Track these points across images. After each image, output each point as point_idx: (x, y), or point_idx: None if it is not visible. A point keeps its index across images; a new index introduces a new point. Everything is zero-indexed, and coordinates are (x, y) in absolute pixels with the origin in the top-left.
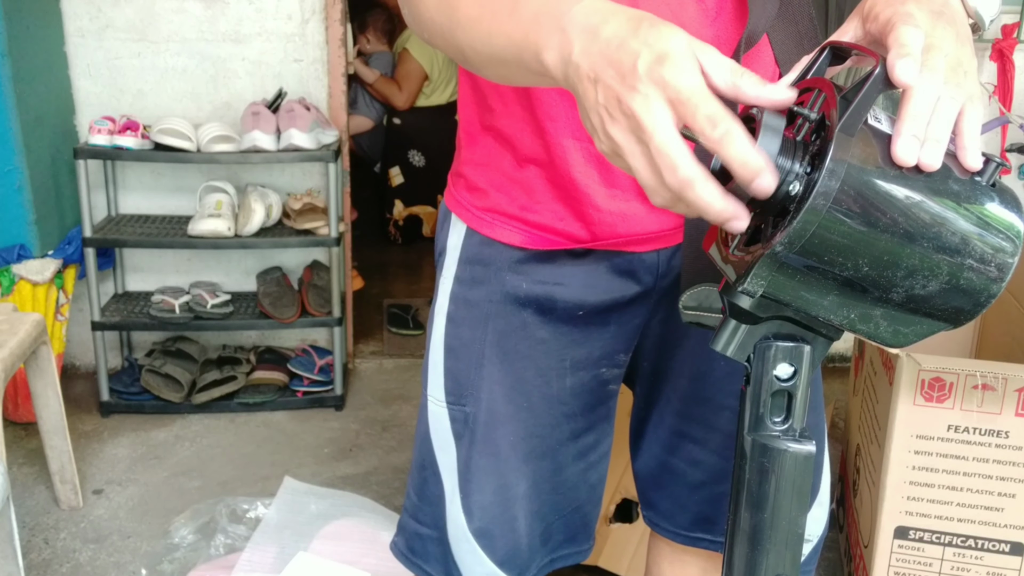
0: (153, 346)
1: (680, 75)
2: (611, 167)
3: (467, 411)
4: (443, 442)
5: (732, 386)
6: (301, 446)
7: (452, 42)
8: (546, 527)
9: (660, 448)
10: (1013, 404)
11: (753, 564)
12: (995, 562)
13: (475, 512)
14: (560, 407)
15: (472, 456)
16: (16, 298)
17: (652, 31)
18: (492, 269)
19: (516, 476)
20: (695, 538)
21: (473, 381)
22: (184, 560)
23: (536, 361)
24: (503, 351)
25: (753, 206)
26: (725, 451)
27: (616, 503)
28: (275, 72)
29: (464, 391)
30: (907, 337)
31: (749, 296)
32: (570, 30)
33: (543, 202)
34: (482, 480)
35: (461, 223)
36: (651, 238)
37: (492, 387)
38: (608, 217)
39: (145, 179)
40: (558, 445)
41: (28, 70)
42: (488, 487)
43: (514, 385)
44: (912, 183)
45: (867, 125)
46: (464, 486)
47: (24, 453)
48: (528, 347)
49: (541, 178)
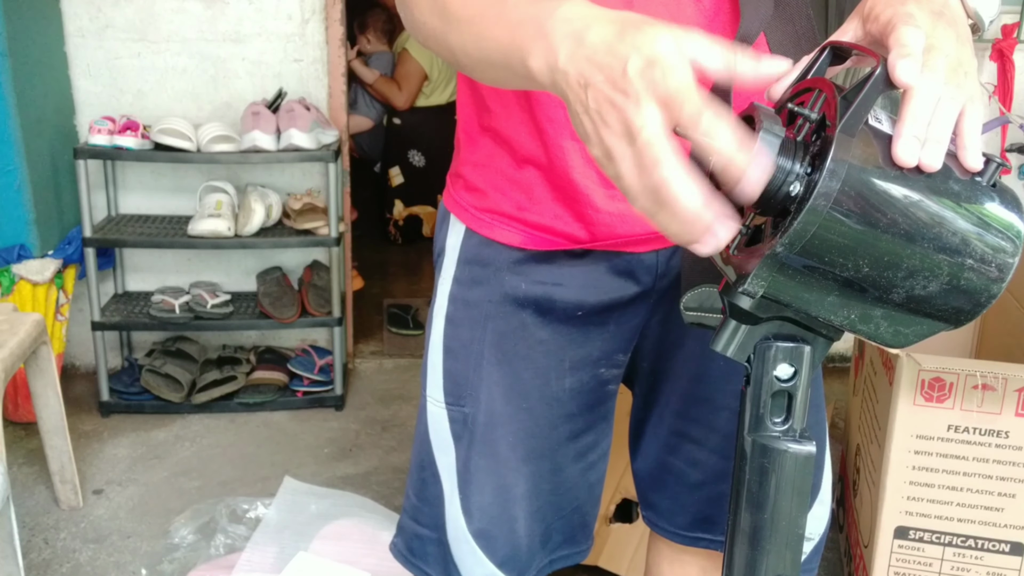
0: (153, 346)
1: (670, 76)
2: None
3: (466, 412)
4: (442, 443)
5: (731, 386)
6: (301, 446)
7: (445, 44)
8: (546, 528)
9: (659, 448)
10: (1013, 404)
11: (753, 564)
12: (995, 562)
13: (475, 513)
14: (559, 407)
15: (471, 457)
16: (16, 298)
17: (638, 34)
18: (491, 269)
19: (516, 477)
20: (694, 538)
21: (472, 382)
22: (184, 560)
23: (535, 362)
24: (502, 352)
25: (754, 207)
26: (724, 451)
27: (616, 503)
28: (275, 72)
29: (463, 392)
30: (908, 338)
31: (749, 297)
32: (553, 36)
33: (542, 203)
34: (482, 481)
35: (460, 224)
36: (650, 239)
37: (491, 388)
38: (607, 218)
39: (145, 179)
40: (557, 446)
41: (28, 70)
42: (488, 488)
43: (513, 386)
44: (913, 184)
45: (868, 126)
46: (463, 487)
47: (24, 453)
48: (527, 348)
49: (540, 179)
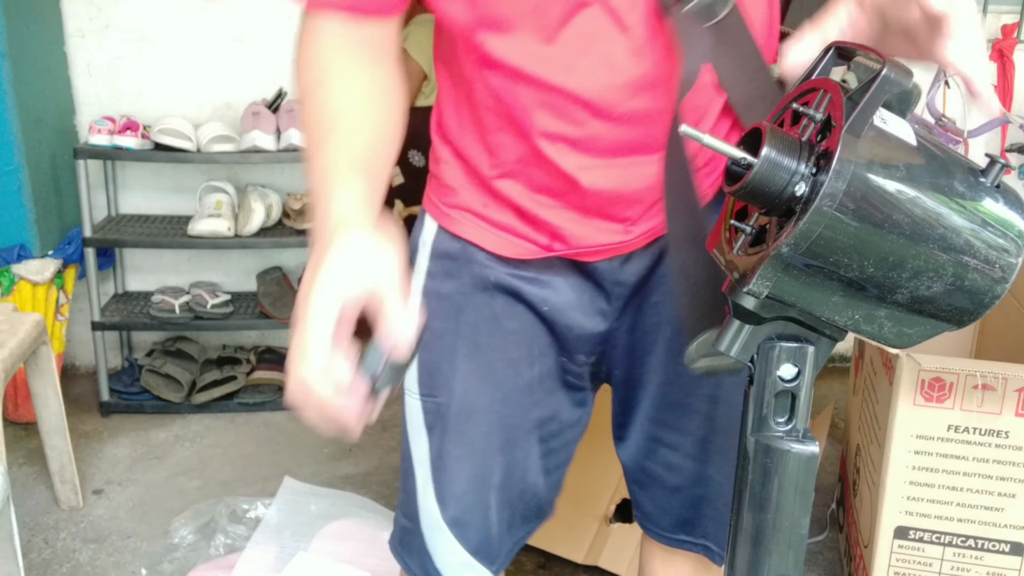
0: (153, 346)
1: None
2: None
3: (439, 402)
4: (416, 433)
5: (703, 391)
6: (301, 446)
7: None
8: (512, 513)
9: (638, 452)
10: (1013, 404)
11: (756, 565)
12: (995, 562)
13: (449, 501)
14: (529, 396)
15: (444, 446)
16: (16, 298)
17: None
18: (461, 262)
19: (491, 465)
20: (679, 540)
21: (445, 372)
22: (184, 560)
23: (507, 352)
24: (474, 343)
25: (759, 207)
26: (700, 455)
27: (616, 503)
28: (275, 72)
29: (436, 383)
30: (911, 338)
31: (754, 297)
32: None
33: (504, 210)
34: (456, 469)
35: (432, 221)
36: (604, 250)
37: (465, 378)
38: (559, 230)
39: (145, 179)
40: (527, 434)
41: (28, 70)
42: (462, 476)
43: (486, 376)
44: (918, 184)
45: (873, 126)
46: (437, 475)
47: (24, 453)
48: (499, 339)
49: (502, 190)
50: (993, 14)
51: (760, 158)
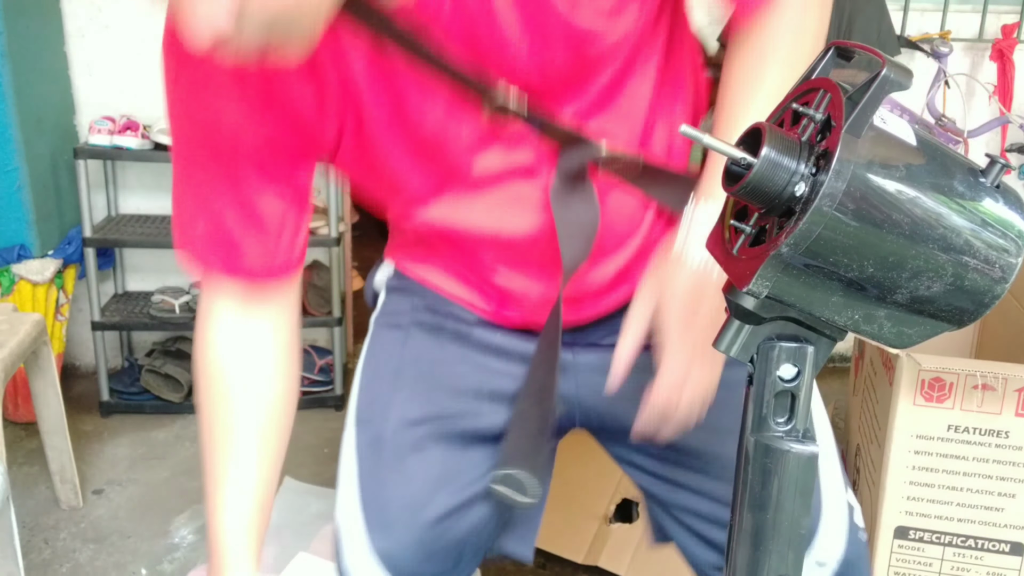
0: (153, 346)
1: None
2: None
3: (376, 430)
4: (347, 460)
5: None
6: (301, 446)
7: None
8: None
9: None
10: (1013, 404)
11: (755, 565)
12: (995, 562)
13: (379, 532)
14: (473, 436)
15: (379, 473)
16: (16, 298)
17: None
18: (413, 295)
19: (425, 498)
20: None
21: (386, 400)
22: (184, 560)
23: (453, 384)
24: (418, 373)
25: (758, 207)
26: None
27: (616, 503)
28: None
29: (374, 411)
30: (911, 338)
31: (754, 297)
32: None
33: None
34: (389, 496)
35: (390, 262)
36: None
37: (404, 406)
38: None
39: (145, 179)
40: (471, 466)
41: (28, 70)
42: (394, 507)
43: (426, 409)
44: (917, 184)
45: (873, 127)
46: (367, 504)
47: (24, 453)
48: (445, 372)
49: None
50: (993, 14)
51: (760, 158)
